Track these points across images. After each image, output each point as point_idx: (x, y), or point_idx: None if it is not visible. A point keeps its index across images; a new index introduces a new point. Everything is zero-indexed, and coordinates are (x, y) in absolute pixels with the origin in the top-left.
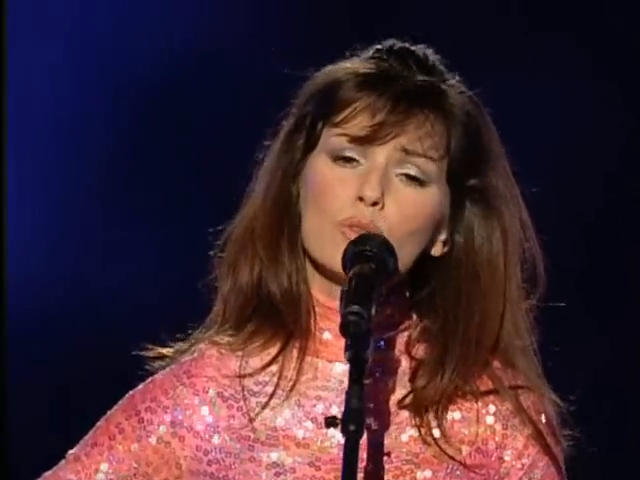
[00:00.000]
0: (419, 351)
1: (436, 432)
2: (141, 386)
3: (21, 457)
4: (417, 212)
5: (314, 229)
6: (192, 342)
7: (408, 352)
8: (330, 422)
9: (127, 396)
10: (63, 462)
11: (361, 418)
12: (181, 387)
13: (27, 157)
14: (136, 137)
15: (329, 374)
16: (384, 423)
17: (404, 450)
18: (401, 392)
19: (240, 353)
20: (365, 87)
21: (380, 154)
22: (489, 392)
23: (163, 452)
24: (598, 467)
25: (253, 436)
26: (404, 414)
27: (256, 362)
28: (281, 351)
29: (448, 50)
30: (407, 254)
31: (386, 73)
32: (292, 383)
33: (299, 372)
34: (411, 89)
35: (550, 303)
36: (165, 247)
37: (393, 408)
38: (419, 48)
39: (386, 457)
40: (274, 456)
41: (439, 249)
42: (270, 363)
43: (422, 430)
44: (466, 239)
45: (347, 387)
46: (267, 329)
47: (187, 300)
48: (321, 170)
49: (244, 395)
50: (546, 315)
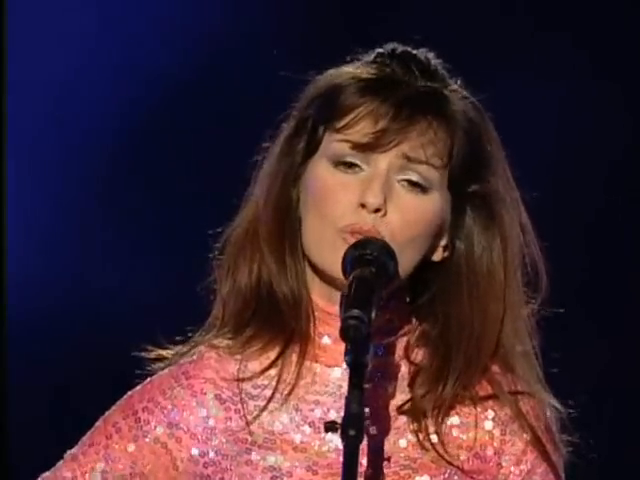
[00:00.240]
0: (418, 356)
1: (434, 437)
2: (139, 387)
3: (21, 457)
4: (419, 218)
5: (315, 234)
6: (192, 345)
7: (407, 357)
8: (329, 427)
9: (125, 396)
10: (61, 462)
11: (361, 423)
12: (179, 388)
13: (27, 157)
14: (136, 137)
15: (327, 379)
16: (383, 428)
17: (402, 455)
18: (400, 397)
19: (239, 356)
20: (367, 93)
21: (382, 161)
22: (488, 397)
23: (160, 453)
24: (597, 473)
25: (250, 439)
26: (402, 419)
27: (255, 366)
28: (280, 355)
29: (447, 51)
30: (408, 260)
31: (388, 78)
32: (290, 387)
33: (298, 376)
34: (414, 95)
35: (549, 307)
36: (165, 247)
37: (392, 413)
38: (421, 52)
39: (386, 462)
40: (271, 460)
41: (439, 254)
42: (269, 367)
43: (420, 435)
44: (466, 246)
45: (347, 392)
46: (266, 333)
47: (186, 300)
48: (322, 175)
49: (242, 398)
50: (545, 320)
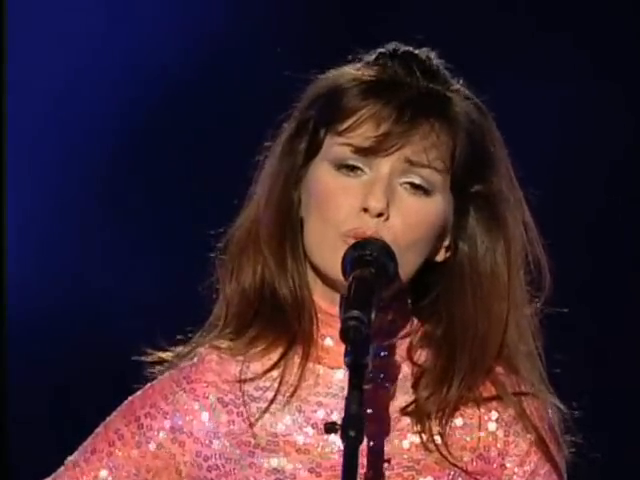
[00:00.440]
0: (421, 357)
1: (438, 439)
2: (140, 392)
3: (21, 457)
4: (421, 221)
5: (317, 237)
6: (192, 346)
7: (410, 358)
8: (329, 428)
9: (126, 402)
10: (62, 469)
11: (361, 424)
12: (181, 392)
13: (27, 157)
14: (136, 137)
15: (330, 381)
16: (385, 429)
17: (405, 457)
18: (403, 398)
19: (241, 358)
20: (369, 95)
21: (384, 165)
22: (492, 398)
23: (163, 458)
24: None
25: (253, 442)
26: (405, 420)
27: (257, 367)
28: (283, 356)
29: (448, 51)
30: (410, 262)
31: (390, 80)
32: (293, 389)
33: (300, 378)
34: (416, 97)
35: (552, 307)
36: (165, 247)
37: (395, 414)
38: (422, 52)
39: (386, 464)
40: (274, 462)
41: (442, 255)
42: (271, 368)
43: (424, 437)
44: (470, 246)
45: (347, 393)
46: (269, 334)
47: (186, 300)
48: (324, 178)
49: (244, 400)
50: (548, 320)
